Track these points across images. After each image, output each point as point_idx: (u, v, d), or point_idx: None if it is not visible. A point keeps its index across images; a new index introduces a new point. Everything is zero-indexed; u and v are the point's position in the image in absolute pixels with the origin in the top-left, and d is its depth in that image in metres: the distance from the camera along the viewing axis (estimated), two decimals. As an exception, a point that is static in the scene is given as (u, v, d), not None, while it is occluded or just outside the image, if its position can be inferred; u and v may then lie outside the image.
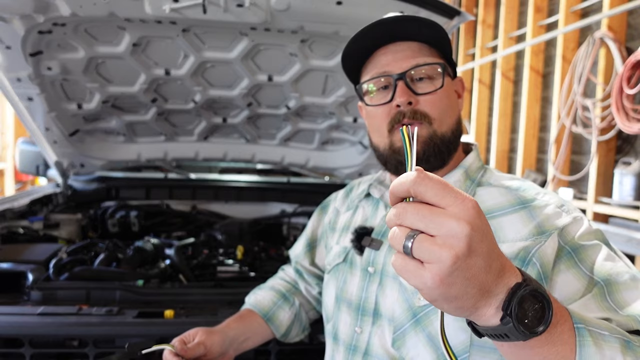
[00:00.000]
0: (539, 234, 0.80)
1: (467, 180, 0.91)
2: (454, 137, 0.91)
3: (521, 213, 0.82)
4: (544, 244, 0.78)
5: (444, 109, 0.89)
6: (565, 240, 0.79)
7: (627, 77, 2.95)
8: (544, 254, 0.77)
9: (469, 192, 0.88)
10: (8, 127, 6.17)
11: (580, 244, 0.79)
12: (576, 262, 0.77)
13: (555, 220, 0.81)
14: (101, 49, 1.85)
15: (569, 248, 0.79)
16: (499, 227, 0.82)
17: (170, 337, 1.36)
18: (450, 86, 0.92)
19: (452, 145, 0.91)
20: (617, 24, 3.21)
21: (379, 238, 0.93)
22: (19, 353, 1.30)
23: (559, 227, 0.80)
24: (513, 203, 0.84)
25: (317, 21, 1.63)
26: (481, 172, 0.94)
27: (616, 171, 3.11)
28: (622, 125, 2.99)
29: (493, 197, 0.86)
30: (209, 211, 2.68)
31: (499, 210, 0.84)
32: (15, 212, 2.21)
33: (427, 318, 0.80)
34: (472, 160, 0.95)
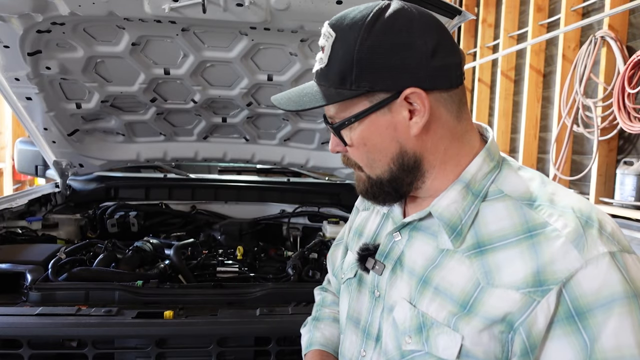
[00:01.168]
0: (534, 285, 0.65)
1: (468, 197, 0.75)
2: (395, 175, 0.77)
3: (523, 247, 0.68)
4: (536, 308, 0.64)
5: (366, 157, 0.78)
6: (572, 295, 0.63)
7: (629, 76, 2.94)
8: (533, 322, 0.64)
9: (469, 215, 0.74)
10: (6, 126, 6.16)
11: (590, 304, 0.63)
12: (579, 328, 0.63)
13: (562, 264, 0.64)
14: (100, 49, 1.84)
15: (572, 308, 0.63)
16: (495, 267, 0.69)
17: (170, 338, 1.36)
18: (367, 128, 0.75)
19: (398, 182, 0.78)
20: (618, 23, 3.20)
21: (381, 261, 0.84)
22: (18, 354, 1.29)
23: (562, 278, 0.64)
24: (518, 231, 0.69)
25: (317, 20, 1.62)
26: (493, 175, 0.76)
27: (618, 171, 3.10)
28: (623, 124, 2.99)
29: (497, 219, 0.72)
30: (209, 211, 2.67)
31: (501, 240, 0.70)
32: (14, 212, 2.20)
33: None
34: (476, 167, 0.76)
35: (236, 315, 1.41)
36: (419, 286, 0.76)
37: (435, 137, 0.75)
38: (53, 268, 1.58)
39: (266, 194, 2.75)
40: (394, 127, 0.74)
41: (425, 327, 0.73)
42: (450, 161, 0.77)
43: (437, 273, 0.74)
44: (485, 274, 0.69)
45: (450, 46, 0.74)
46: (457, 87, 0.75)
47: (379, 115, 0.74)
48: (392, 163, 0.77)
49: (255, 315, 1.41)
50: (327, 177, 2.93)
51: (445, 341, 0.70)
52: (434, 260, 0.75)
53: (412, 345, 0.74)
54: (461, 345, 0.68)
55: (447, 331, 0.70)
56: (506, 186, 0.75)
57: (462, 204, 0.75)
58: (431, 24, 0.74)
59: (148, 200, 2.64)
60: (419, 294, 0.75)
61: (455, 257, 0.73)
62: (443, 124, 0.75)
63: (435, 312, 0.72)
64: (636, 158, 3.06)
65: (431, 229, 0.78)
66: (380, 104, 0.73)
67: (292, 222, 2.56)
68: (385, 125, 0.74)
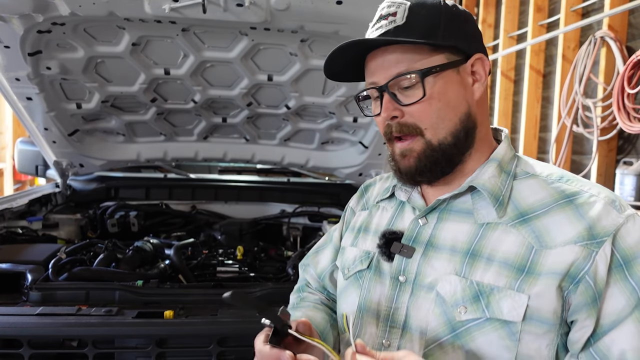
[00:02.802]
0: (589, 238, 0.72)
1: (502, 173, 0.82)
2: (458, 138, 0.80)
3: (567, 210, 0.75)
4: (596, 257, 0.71)
5: (436, 114, 0.79)
6: (618, 246, 0.72)
7: (629, 76, 2.94)
8: (597, 270, 0.71)
9: (505, 188, 0.80)
10: (7, 127, 6.17)
11: (635, 253, 0.72)
12: (626, 275, 0.71)
13: (607, 221, 0.73)
14: (100, 49, 1.84)
15: (620, 257, 0.72)
16: (545, 230, 0.75)
17: (170, 338, 1.36)
18: (444, 83, 0.79)
19: (455, 149, 0.81)
20: (618, 23, 3.20)
21: (410, 244, 0.84)
22: (18, 354, 1.29)
23: (612, 231, 0.72)
24: (557, 197, 0.77)
25: (317, 21, 1.62)
26: (514, 161, 0.85)
27: (617, 171, 3.10)
28: (623, 125, 2.99)
29: (534, 192, 0.79)
30: (209, 211, 2.67)
31: (542, 207, 0.77)
32: (14, 212, 2.21)
33: (468, 334, 0.74)
34: (504, 150, 0.85)
35: (236, 315, 1.41)
36: (467, 259, 0.78)
37: (482, 109, 0.85)
38: (53, 268, 1.58)
39: (266, 194, 2.75)
40: (465, 87, 0.82)
41: (483, 295, 0.75)
42: (486, 139, 0.86)
43: (485, 244, 0.78)
44: (537, 237, 0.75)
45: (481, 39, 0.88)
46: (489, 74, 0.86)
47: (452, 73, 0.81)
48: (459, 123, 0.81)
49: (255, 315, 1.41)
50: (327, 177, 2.93)
51: (509, 304, 0.73)
52: (477, 234, 0.79)
53: (469, 315, 0.75)
54: (527, 305, 0.72)
55: (511, 294, 0.73)
56: (530, 169, 0.83)
57: (499, 179, 0.82)
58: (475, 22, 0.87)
59: (148, 200, 2.64)
60: (468, 266, 0.77)
61: (500, 228, 0.78)
62: (485, 99, 0.85)
63: (494, 279, 0.75)
64: (636, 158, 3.06)
65: (464, 208, 0.82)
66: (456, 62, 0.80)
67: (292, 222, 2.56)
68: (458, 83, 0.81)
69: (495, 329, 0.73)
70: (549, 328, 0.72)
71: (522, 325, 0.72)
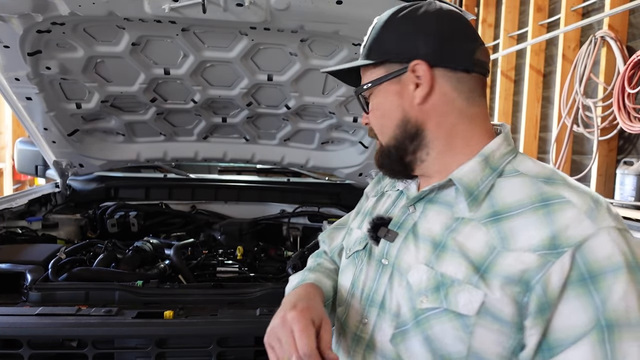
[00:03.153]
0: (549, 247, 0.70)
1: (486, 169, 0.82)
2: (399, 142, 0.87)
3: (538, 214, 0.73)
4: (550, 268, 0.69)
5: (379, 122, 0.90)
6: (584, 259, 0.69)
7: (629, 76, 2.94)
8: (548, 281, 0.69)
9: (485, 184, 0.80)
10: (6, 126, 6.16)
11: (602, 268, 0.68)
12: (589, 291, 0.68)
13: (575, 230, 0.70)
14: (100, 49, 1.84)
15: (585, 270, 0.68)
16: (510, 232, 0.74)
17: (170, 338, 1.35)
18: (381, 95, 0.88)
19: (401, 151, 0.88)
20: (618, 23, 3.20)
21: (395, 230, 0.90)
22: (18, 354, 1.29)
23: (575, 242, 0.69)
24: (533, 200, 0.75)
25: (317, 20, 1.62)
26: (509, 157, 0.83)
27: (618, 171, 3.10)
28: (623, 125, 2.99)
29: (513, 192, 0.78)
30: (209, 211, 2.67)
31: (517, 208, 0.76)
32: (14, 212, 2.20)
33: (427, 322, 0.78)
34: (496, 145, 0.84)
35: (236, 315, 1.41)
36: (437, 250, 0.81)
37: (439, 111, 0.84)
38: (53, 268, 1.58)
39: (266, 194, 2.75)
40: (401, 95, 0.86)
41: (444, 286, 0.77)
42: (458, 138, 0.85)
43: (455, 237, 0.79)
44: (501, 239, 0.74)
45: (465, 36, 0.85)
46: (469, 72, 0.84)
47: (390, 84, 0.86)
48: (397, 129, 0.87)
49: (255, 315, 1.41)
50: (327, 177, 2.93)
51: (466, 297, 0.74)
52: (450, 227, 0.81)
53: (428, 304, 0.78)
54: (482, 301, 0.73)
55: (469, 288, 0.74)
56: (522, 167, 0.82)
57: (480, 174, 0.82)
58: (451, 18, 0.86)
59: (148, 200, 2.63)
60: (436, 257, 0.80)
61: (471, 224, 0.78)
62: (449, 101, 0.84)
63: (455, 272, 0.77)
64: (636, 158, 3.06)
65: (446, 201, 0.84)
66: (393, 74, 0.85)
67: (292, 222, 2.56)
68: (394, 93, 0.86)
69: (450, 320, 0.75)
70: (502, 327, 0.72)
71: (475, 319, 0.73)
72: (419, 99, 0.83)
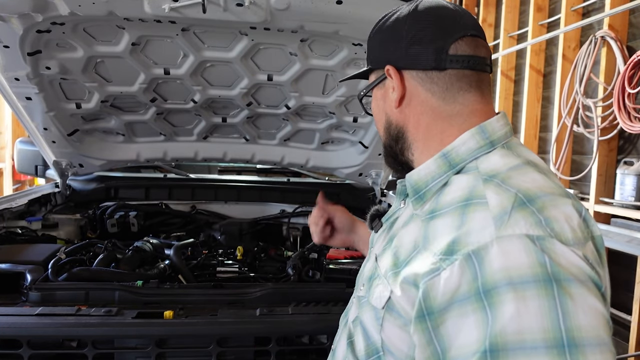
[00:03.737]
0: (446, 253, 0.65)
1: (443, 167, 0.78)
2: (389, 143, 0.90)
3: (454, 215, 0.69)
4: (439, 274, 0.64)
5: (376, 126, 0.95)
6: (479, 269, 0.61)
7: (629, 76, 2.94)
8: (431, 287, 0.64)
9: (436, 182, 0.78)
10: (6, 126, 6.16)
11: (495, 282, 0.59)
12: (483, 305, 0.59)
13: (475, 236, 0.63)
14: (100, 49, 1.84)
15: (480, 283, 0.60)
16: (432, 232, 0.71)
17: (170, 338, 1.36)
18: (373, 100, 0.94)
19: (393, 150, 0.90)
20: (618, 23, 3.20)
21: (384, 222, 0.97)
22: (18, 354, 1.29)
23: (468, 251, 0.62)
24: (462, 198, 0.70)
25: (317, 20, 1.62)
26: (480, 153, 0.76)
27: (618, 171, 3.10)
28: (624, 124, 2.99)
29: (455, 189, 0.74)
30: (209, 211, 2.67)
31: (447, 207, 0.72)
32: (14, 212, 2.20)
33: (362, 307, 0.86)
34: (460, 141, 0.78)
35: (236, 315, 1.41)
36: (386, 244, 0.86)
37: (415, 112, 0.85)
38: (53, 268, 1.58)
39: (266, 194, 2.74)
40: (384, 99, 0.89)
41: (372, 277, 0.84)
42: (433, 138, 0.83)
43: (399, 234, 0.83)
44: (424, 238, 0.73)
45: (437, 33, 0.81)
46: (442, 70, 0.80)
47: (378, 89, 0.91)
48: (384, 132, 0.91)
49: (255, 315, 1.41)
50: (327, 177, 2.93)
51: (379, 291, 0.79)
52: (406, 222, 0.84)
53: (362, 293, 0.88)
54: (388, 297, 0.75)
55: (384, 282, 0.78)
56: (484, 164, 0.75)
57: (434, 172, 0.80)
58: (425, 16, 0.82)
59: (148, 200, 2.63)
60: (383, 250, 0.86)
61: (415, 221, 0.80)
62: (422, 102, 0.83)
63: (383, 266, 0.81)
64: (636, 158, 3.06)
65: None
66: (377, 80, 0.90)
67: (292, 222, 2.56)
68: (379, 98, 0.91)
69: (370, 310, 0.81)
70: (405, 326, 0.71)
71: (383, 312, 0.76)
72: (394, 102, 0.85)
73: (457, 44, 0.80)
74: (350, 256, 1.90)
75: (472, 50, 0.81)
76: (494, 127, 0.79)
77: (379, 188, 2.66)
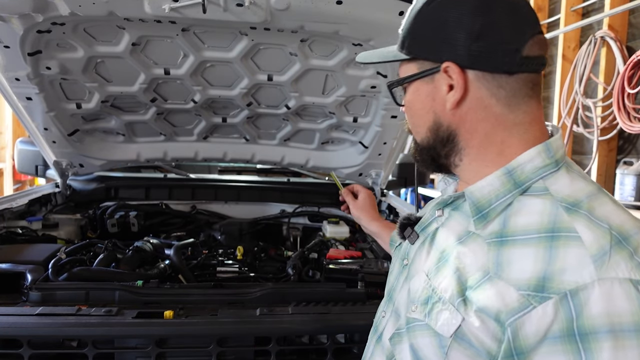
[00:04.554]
0: (536, 289, 0.61)
1: (507, 184, 0.73)
2: (431, 145, 0.81)
3: (540, 247, 0.64)
4: (529, 312, 0.60)
5: (412, 121, 0.85)
6: (576, 311, 0.58)
7: (629, 76, 2.95)
8: (521, 326, 0.61)
9: (501, 201, 0.73)
10: (7, 126, 6.16)
11: (595, 327, 0.57)
12: (578, 349, 0.57)
13: (572, 276, 0.60)
14: (100, 49, 1.84)
15: (576, 325, 0.58)
16: (507, 261, 0.66)
17: (170, 338, 1.36)
18: (412, 93, 0.81)
19: (434, 152, 0.82)
20: (618, 23, 3.21)
21: (418, 232, 0.88)
22: (18, 354, 1.29)
23: (565, 291, 0.59)
24: (544, 228, 0.65)
25: (317, 21, 1.62)
26: (546, 172, 0.72)
27: (617, 171, 3.11)
28: (623, 125, 2.99)
29: (529, 213, 0.69)
30: (209, 211, 2.67)
31: (523, 234, 0.67)
32: (14, 212, 2.20)
33: (413, 331, 0.78)
34: (528, 158, 0.72)
35: (236, 315, 1.41)
36: (439, 262, 0.78)
37: (473, 118, 0.76)
38: (53, 268, 1.58)
39: (266, 194, 2.75)
40: (433, 97, 0.78)
41: (431, 301, 0.75)
42: (491, 147, 0.76)
43: (457, 253, 0.74)
44: (497, 265, 0.68)
45: (511, 29, 0.71)
46: (511, 74, 0.72)
47: (422, 83, 0.79)
48: (429, 132, 0.81)
49: (255, 315, 1.41)
50: (327, 177, 2.93)
51: (445, 318, 0.71)
52: (461, 239, 0.76)
53: (416, 314, 0.78)
54: (459, 325, 0.69)
55: (451, 309, 0.71)
56: (554, 186, 0.71)
57: (498, 190, 0.73)
58: (492, 5, 0.72)
59: (148, 200, 2.64)
60: (436, 269, 0.77)
61: (478, 241, 0.73)
62: (485, 107, 0.75)
63: (444, 289, 0.73)
64: (636, 158, 3.06)
65: (467, 211, 0.78)
66: (425, 72, 0.78)
67: (292, 222, 2.56)
68: (426, 94, 0.79)
69: (429, 335, 0.74)
70: (478, 355, 0.67)
71: (450, 341, 0.70)
72: (451, 104, 0.75)
73: (530, 43, 0.72)
74: (350, 256, 1.90)
75: (540, 50, 0.74)
76: (557, 144, 0.75)
77: (379, 188, 2.66)
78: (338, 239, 2.23)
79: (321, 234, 2.37)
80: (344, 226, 2.33)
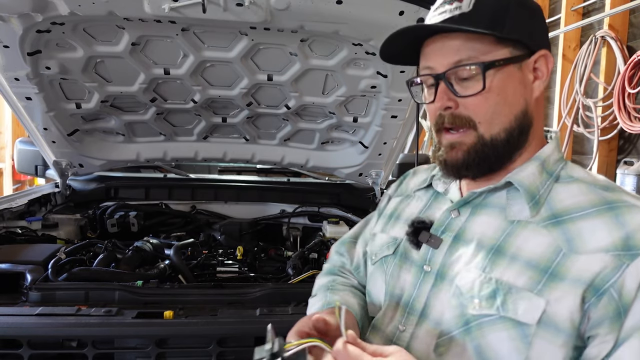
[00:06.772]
0: (623, 249, 0.69)
1: (543, 173, 0.80)
2: (511, 135, 0.79)
3: (605, 217, 0.72)
4: (625, 270, 0.67)
5: (493, 109, 0.77)
6: None
7: (629, 76, 2.95)
8: (624, 283, 0.67)
9: (545, 188, 0.79)
10: (6, 126, 6.16)
11: None
12: None
13: None
14: (100, 49, 1.84)
15: None
16: (577, 234, 0.72)
17: (170, 338, 1.35)
18: (504, 78, 0.77)
19: (507, 146, 0.79)
20: (618, 23, 3.20)
21: (438, 235, 0.85)
22: (18, 354, 1.29)
23: None
24: (596, 203, 0.74)
25: (317, 20, 1.62)
26: (561, 164, 0.82)
27: (618, 171, 3.11)
28: (624, 124, 2.99)
29: (572, 195, 0.76)
30: (209, 211, 2.67)
31: (579, 210, 0.74)
32: (14, 212, 2.20)
33: (479, 329, 0.74)
34: (550, 150, 0.82)
35: (236, 315, 1.41)
36: (490, 255, 0.77)
37: (540, 109, 0.82)
38: (53, 268, 1.58)
39: (266, 194, 2.74)
40: (525, 84, 0.79)
41: (500, 292, 0.73)
42: (538, 140, 0.84)
43: (512, 242, 0.76)
44: (567, 241, 0.72)
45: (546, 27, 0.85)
46: None
47: (514, 68, 0.78)
48: (514, 120, 0.79)
49: (255, 315, 1.41)
50: (327, 177, 2.93)
51: (526, 305, 0.71)
52: (505, 230, 0.77)
53: (483, 310, 0.74)
54: (544, 310, 0.70)
55: (529, 296, 0.71)
56: (576, 174, 0.80)
57: (539, 178, 0.80)
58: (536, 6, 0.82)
59: (148, 200, 2.63)
60: (490, 262, 0.76)
61: (529, 227, 0.76)
62: (542, 101, 0.83)
63: (514, 278, 0.73)
64: (636, 158, 3.06)
65: (498, 204, 0.81)
66: (519, 57, 0.78)
67: (292, 222, 2.56)
68: (519, 80, 0.79)
69: (506, 328, 0.72)
70: (565, 339, 0.70)
71: (535, 329, 0.70)
72: (538, 92, 0.80)
73: None
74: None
75: None
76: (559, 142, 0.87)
77: (379, 188, 2.65)
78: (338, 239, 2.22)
79: (321, 234, 2.37)
80: (344, 226, 2.33)
